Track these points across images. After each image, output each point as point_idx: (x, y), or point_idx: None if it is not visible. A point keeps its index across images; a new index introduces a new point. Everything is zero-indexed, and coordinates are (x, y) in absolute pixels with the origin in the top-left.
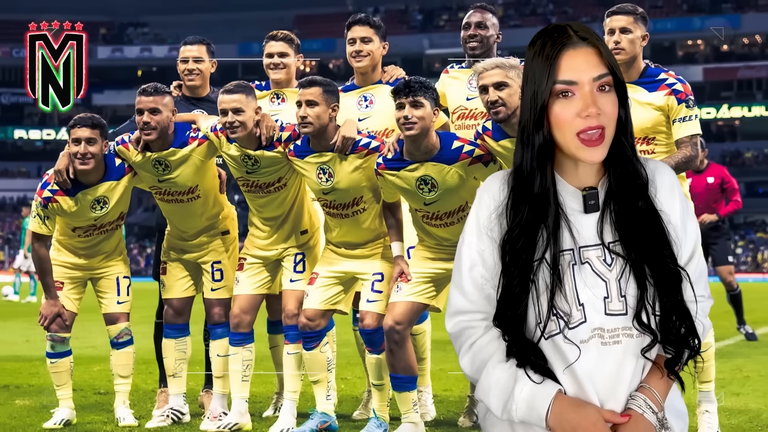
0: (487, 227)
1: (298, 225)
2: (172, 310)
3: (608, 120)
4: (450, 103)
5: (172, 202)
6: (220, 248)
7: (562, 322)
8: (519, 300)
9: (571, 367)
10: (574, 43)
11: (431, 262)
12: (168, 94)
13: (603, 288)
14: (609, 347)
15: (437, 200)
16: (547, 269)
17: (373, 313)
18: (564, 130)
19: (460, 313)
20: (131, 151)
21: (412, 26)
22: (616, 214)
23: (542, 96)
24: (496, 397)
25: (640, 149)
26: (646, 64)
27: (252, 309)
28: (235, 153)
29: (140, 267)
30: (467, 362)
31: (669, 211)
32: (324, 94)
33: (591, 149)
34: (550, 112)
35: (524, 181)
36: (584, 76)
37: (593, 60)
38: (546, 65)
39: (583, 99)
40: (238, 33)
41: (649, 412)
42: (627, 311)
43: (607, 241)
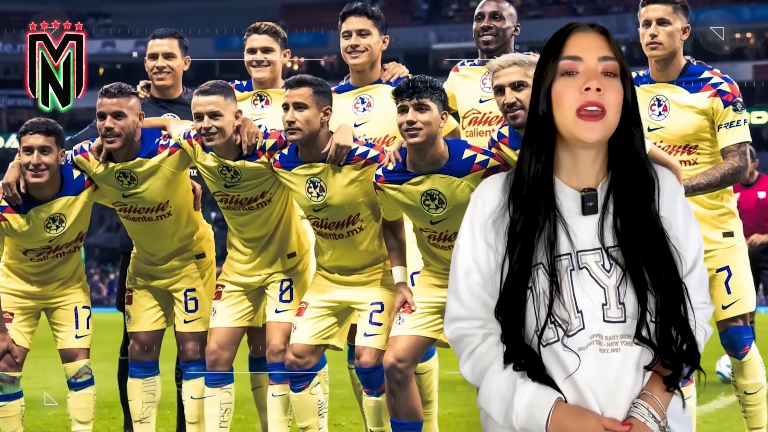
0: (482, 232)
1: (284, 247)
2: (138, 345)
3: (610, 104)
4: (460, 105)
5: (138, 220)
6: (195, 274)
7: (560, 330)
8: (517, 306)
9: (573, 376)
10: (584, 29)
11: (439, 290)
12: (134, 95)
13: (601, 295)
14: (608, 355)
15: (445, 218)
16: (544, 275)
17: (372, 349)
18: (564, 109)
19: (458, 320)
20: (92, 161)
21: (417, 17)
22: (618, 217)
23: (549, 75)
24: (497, 406)
25: (681, 159)
26: (687, 60)
27: (231, 344)
28: (211, 164)
29: (102, 295)
30: (468, 370)
31: (671, 219)
32: (314, 96)
33: (589, 124)
34: (553, 91)
35: (529, 182)
36: (589, 54)
37: (600, 43)
38: (554, 45)
39: (586, 74)
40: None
41: (651, 420)
42: (626, 319)
43: (607, 246)
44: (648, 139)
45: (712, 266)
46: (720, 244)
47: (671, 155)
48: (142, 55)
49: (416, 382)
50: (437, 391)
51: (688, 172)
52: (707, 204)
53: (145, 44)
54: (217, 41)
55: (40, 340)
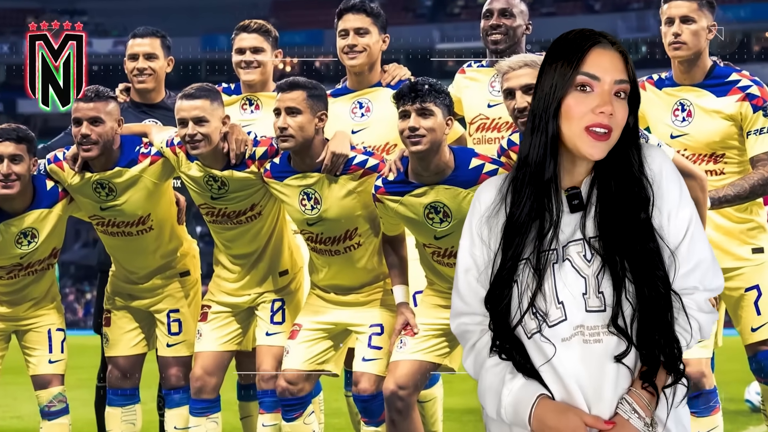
0: (477, 230)
1: (276, 264)
2: (117, 371)
3: (617, 124)
4: (467, 111)
5: (117, 235)
6: (178, 293)
7: (540, 320)
8: (501, 298)
9: (557, 368)
10: (605, 45)
11: (443, 311)
12: (113, 99)
13: (582, 284)
14: (590, 345)
15: (451, 233)
16: (529, 269)
17: (371, 375)
18: (573, 123)
19: (460, 315)
20: (66, 171)
21: (420, 14)
22: (599, 208)
23: (563, 85)
24: (490, 400)
25: (707, 169)
26: (713, 62)
27: (218, 370)
28: (196, 174)
29: (78, 317)
30: (470, 363)
31: (659, 203)
32: (308, 100)
33: (596, 143)
34: (563, 102)
35: (532, 171)
36: (607, 75)
37: (619, 65)
38: (574, 56)
39: (601, 96)
40: (201, 23)
41: (635, 417)
42: (605, 308)
43: (588, 236)
44: (670, 147)
45: (740, 285)
46: (749, 261)
47: (696, 164)
48: (122, 56)
49: (419, 410)
50: (442, 420)
51: (715, 182)
52: (735, 218)
53: (125, 44)
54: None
55: (11, 365)
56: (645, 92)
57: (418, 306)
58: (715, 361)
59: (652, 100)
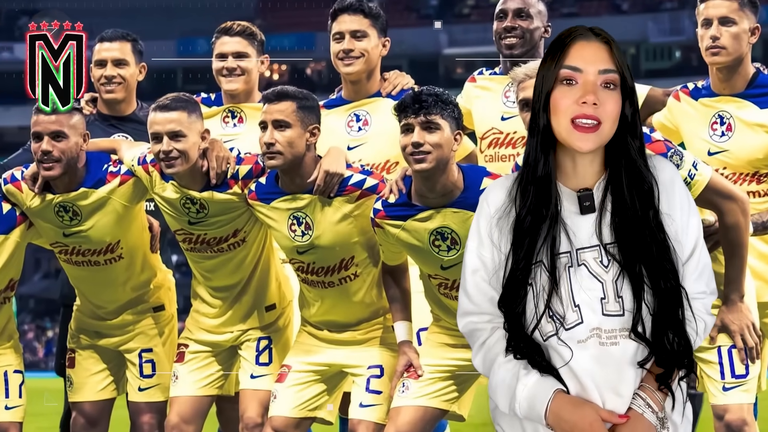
0: (487, 231)
1: (261, 298)
2: (83, 418)
3: (606, 116)
4: (478, 124)
5: (83, 264)
6: (152, 330)
7: (557, 323)
8: (517, 300)
9: (573, 367)
10: (588, 37)
11: (451, 351)
12: (77, 111)
13: (599, 289)
14: (607, 348)
15: (459, 262)
16: (544, 272)
17: (369, 423)
18: (560, 116)
19: (468, 314)
20: (25, 192)
21: (424, 15)
22: (615, 214)
23: (548, 81)
24: (502, 395)
25: (748, 190)
26: (756, 69)
27: (196, 417)
28: (172, 195)
29: (38, 357)
30: (479, 361)
31: (670, 212)
32: (298, 112)
33: (582, 135)
34: (551, 97)
35: (532, 169)
36: (590, 66)
37: (603, 55)
38: (556, 51)
39: (583, 87)
40: (177, 25)
41: (649, 411)
42: (624, 313)
43: (605, 242)
44: (708, 165)
45: None
46: None
47: (736, 185)
48: (87, 62)
49: None
50: None
51: (758, 205)
52: None
53: (91, 48)
54: (179, 44)
55: None
56: (679, 103)
57: (422, 345)
58: (758, 407)
59: (687, 113)
